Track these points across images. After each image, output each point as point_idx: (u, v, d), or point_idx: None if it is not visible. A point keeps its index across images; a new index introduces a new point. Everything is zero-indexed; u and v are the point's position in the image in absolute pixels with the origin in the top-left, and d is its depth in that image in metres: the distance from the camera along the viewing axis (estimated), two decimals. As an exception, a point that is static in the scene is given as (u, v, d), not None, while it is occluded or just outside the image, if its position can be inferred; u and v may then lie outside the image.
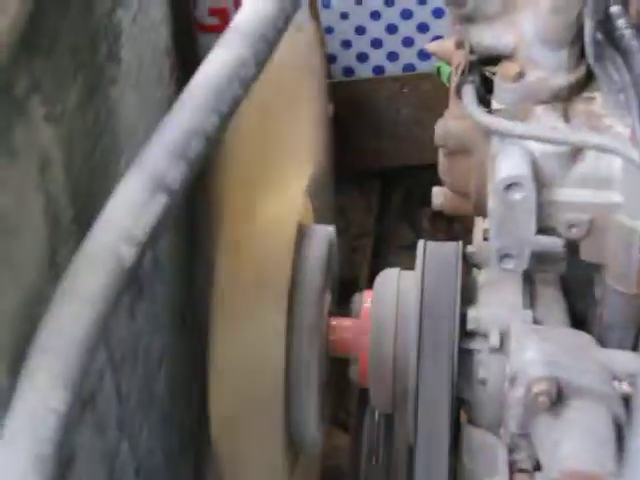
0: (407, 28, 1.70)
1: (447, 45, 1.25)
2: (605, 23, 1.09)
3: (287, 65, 1.21)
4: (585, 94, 1.13)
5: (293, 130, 1.34)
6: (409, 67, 1.73)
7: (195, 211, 1.22)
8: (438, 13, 1.65)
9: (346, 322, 1.26)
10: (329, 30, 1.73)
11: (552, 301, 1.19)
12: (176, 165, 0.79)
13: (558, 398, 1.02)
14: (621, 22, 1.09)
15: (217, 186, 1.20)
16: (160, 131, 0.81)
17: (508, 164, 1.09)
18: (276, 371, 1.19)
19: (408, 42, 1.71)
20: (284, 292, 1.19)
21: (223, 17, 1.52)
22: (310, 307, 1.21)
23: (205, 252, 1.22)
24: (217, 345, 1.19)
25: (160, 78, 1.18)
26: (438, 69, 1.31)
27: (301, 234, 1.25)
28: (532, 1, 1.11)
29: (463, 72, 1.16)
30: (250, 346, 1.19)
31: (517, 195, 1.07)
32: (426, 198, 1.26)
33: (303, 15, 1.61)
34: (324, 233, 1.28)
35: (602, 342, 1.14)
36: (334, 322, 1.26)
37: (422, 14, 1.68)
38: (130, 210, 0.77)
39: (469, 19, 1.14)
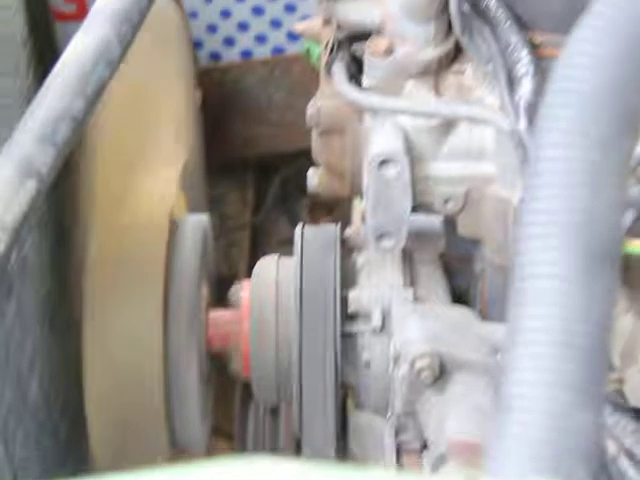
0: (274, 9, 1.76)
1: (315, 24, 1.32)
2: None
3: (151, 52, 1.27)
4: (455, 67, 1.21)
5: (160, 119, 1.39)
6: (278, 50, 1.79)
7: (62, 208, 1.27)
8: (305, -8, 1.73)
9: (225, 314, 1.31)
10: (193, 15, 1.79)
11: (432, 279, 1.27)
12: (45, 150, 0.85)
13: (441, 373, 1.09)
14: (487, -7, 1.18)
15: (85, 179, 1.25)
16: (27, 117, 0.88)
17: (381, 140, 1.16)
18: (154, 368, 1.23)
19: (276, 24, 1.77)
20: (159, 286, 1.24)
21: (80, 5, 1.57)
22: (186, 300, 1.27)
23: (75, 248, 1.26)
24: (91, 345, 1.23)
25: (16, 69, 1.23)
26: (308, 50, 1.37)
27: (174, 225, 1.30)
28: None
29: (332, 50, 1.24)
30: (126, 344, 1.23)
31: (391, 171, 1.14)
32: (304, 187, 1.32)
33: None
34: (197, 223, 1.33)
35: (484, 317, 1.22)
36: (212, 315, 1.31)
37: (291, -9, 1.76)
38: (0, 197, 0.83)
39: (334, -5, 1.22)
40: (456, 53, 1.21)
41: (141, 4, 0.95)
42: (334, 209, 1.85)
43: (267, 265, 1.31)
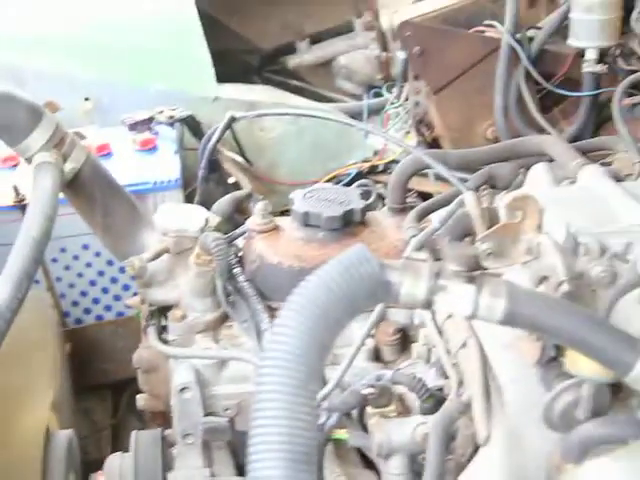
0: (116, 289, 1.96)
1: (139, 300, 1.49)
2: (232, 279, 1.40)
3: (27, 324, 1.34)
4: (227, 323, 1.42)
5: (38, 366, 1.49)
6: (121, 314, 1.98)
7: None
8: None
9: (87, 496, 1.40)
10: (62, 295, 1.95)
11: (224, 460, 1.39)
12: None
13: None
14: (241, 278, 1.40)
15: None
16: None
17: (180, 374, 1.36)
18: None
19: (117, 298, 1.97)
20: None
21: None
22: None
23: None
24: None
25: None
26: (137, 314, 1.54)
27: (48, 439, 1.36)
28: (186, 270, 1.39)
29: (147, 318, 1.42)
30: None
31: (188, 394, 1.34)
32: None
33: (40, 289, 1.81)
34: (65, 436, 1.40)
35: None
36: (78, 498, 1.41)
37: (125, 279, 1.96)
38: None
39: (147, 284, 1.41)
40: (227, 315, 1.41)
41: (11, 306, 1.05)
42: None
43: (115, 459, 1.42)
